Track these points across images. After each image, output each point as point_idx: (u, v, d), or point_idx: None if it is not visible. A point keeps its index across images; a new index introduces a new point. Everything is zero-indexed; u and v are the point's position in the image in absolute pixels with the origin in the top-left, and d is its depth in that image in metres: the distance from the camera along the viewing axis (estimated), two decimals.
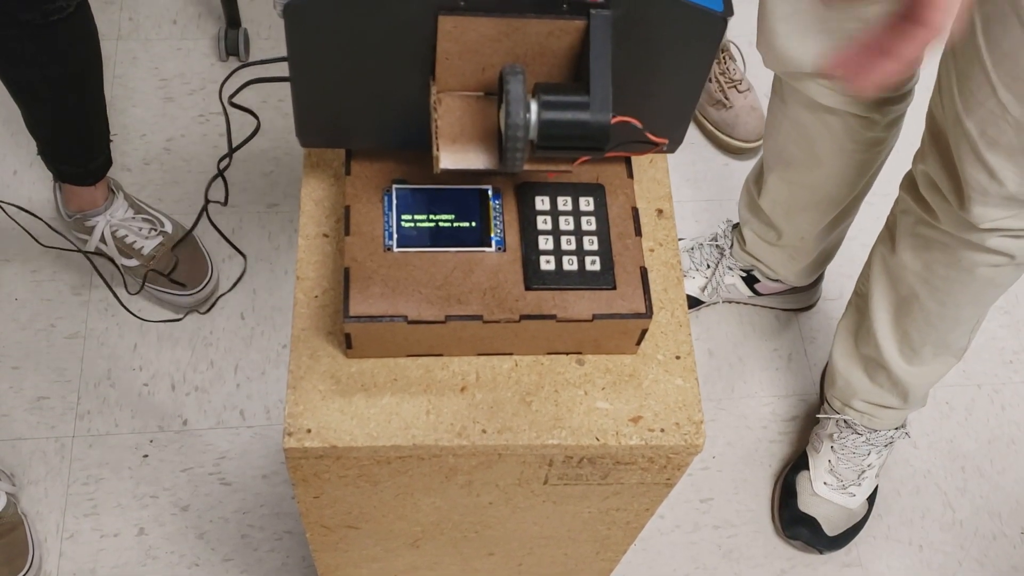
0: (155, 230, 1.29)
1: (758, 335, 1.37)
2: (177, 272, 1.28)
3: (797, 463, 1.25)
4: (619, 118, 0.51)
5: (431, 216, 0.59)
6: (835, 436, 1.21)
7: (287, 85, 0.54)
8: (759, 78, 1.51)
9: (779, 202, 1.18)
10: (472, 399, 0.59)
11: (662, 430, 0.60)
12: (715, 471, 1.27)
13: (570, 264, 0.59)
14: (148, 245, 1.28)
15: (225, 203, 0.76)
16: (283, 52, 0.52)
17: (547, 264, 0.58)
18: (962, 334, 1.06)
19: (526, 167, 0.52)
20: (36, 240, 1.13)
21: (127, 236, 1.27)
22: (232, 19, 1.49)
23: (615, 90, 0.52)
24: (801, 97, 1.03)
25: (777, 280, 1.31)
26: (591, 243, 0.60)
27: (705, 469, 1.27)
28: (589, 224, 0.60)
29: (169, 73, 1.50)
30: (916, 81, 1.03)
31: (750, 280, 1.34)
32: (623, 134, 0.53)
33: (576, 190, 0.61)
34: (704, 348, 1.36)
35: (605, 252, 0.59)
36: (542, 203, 0.60)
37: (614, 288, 0.59)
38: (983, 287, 0.98)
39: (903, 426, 1.21)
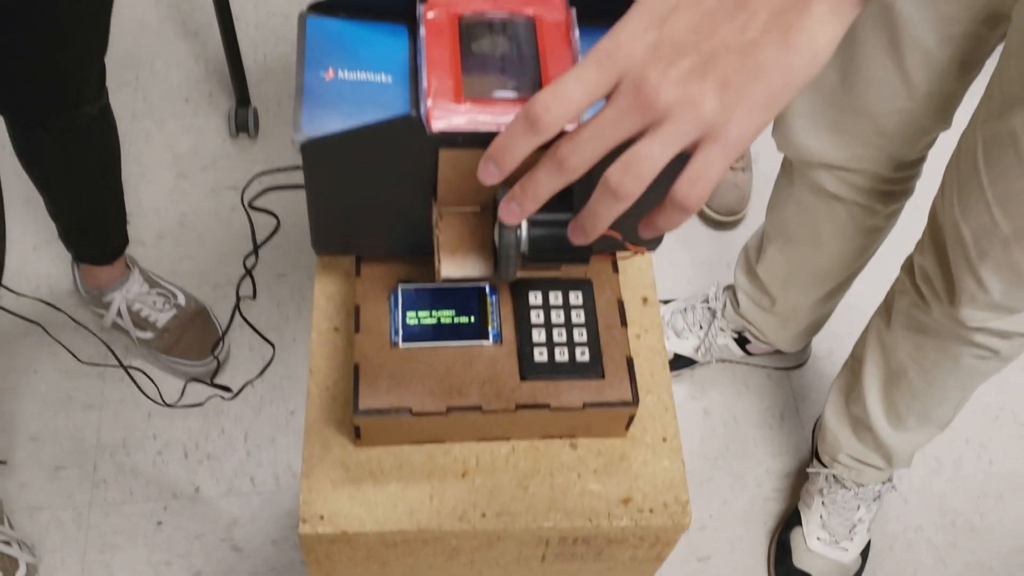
0: (169, 303, 1.35)
1: (751, 394, 1.42)
2: (187, 343, 1.33)
3: (790, 519, 1.29)
4: (603, 232, 0.56)
5: (433, 312, 0.64)
6: (824, 491, 1.25)
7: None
8: (765, 157, 1.58)
9: (776, 272, 1.23)
10: (472, 484, 0.64)
11: (651, 511, 0.64)
12: (712, 530, 1.31)
13: (561, 355, 0.64)
14: (162, 318, 1.33)
15: (254, 297, 0.81)
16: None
17: (540, 356, 0.63)
18: (947, 410, 1.10)
19: (519, 275, 0.58)
20: (46, 331, 1.18)
21: (142, 310, 1.33)
22: (242, 98, 1.56)
23: None
24: (809, 182, 1.09)
25: (767, 343, 1.36)
26: (580, 335, 0.65)
27: (702, 528, 1.31)
28: (578, 317, 0.65)
29: (182, 150, 1.57)
30: (918, 178, 1.09)
31: (742, 341, 1.38)
32: (606, 244, 0.58)
33: (566, 285, 0.66)
34: (699, 407, 1.40)
35: (594, 343, 0.64)
36: (535, 298, 0.65)
37: (603, 377, 0.64)
38: (969, 374, 1.03)
39: (890, 480, 1.25)
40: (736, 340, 1.38)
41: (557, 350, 0.64)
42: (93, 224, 1.25)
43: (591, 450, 0.66)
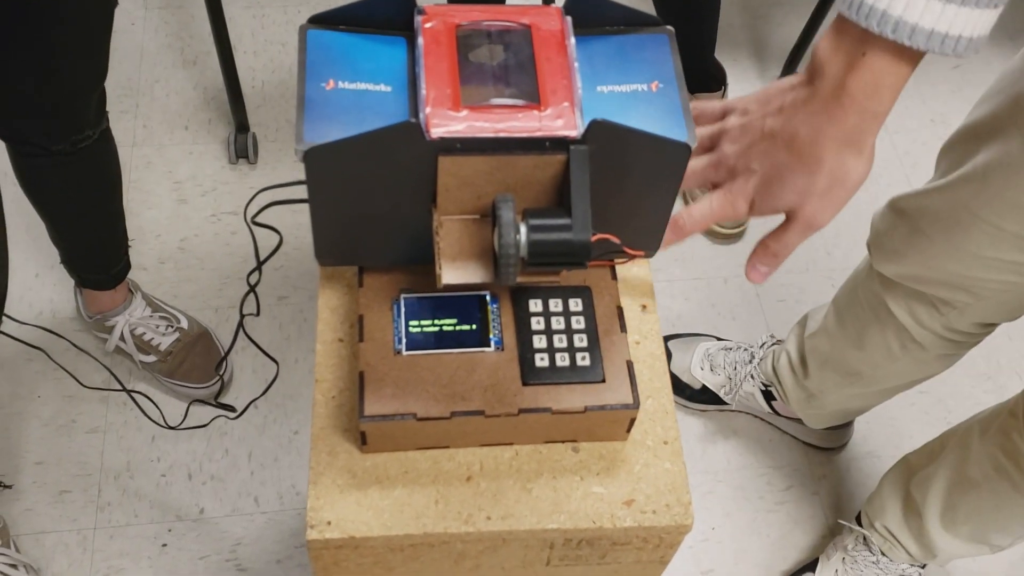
0: (171, 327, 1.36)
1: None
2: (190, 366, 1.34)
3: (806, 566, 1.26)
4: (599, 236, 0.57)
5: (435, 321, 0.65)
6: (849, 548, 1.21)
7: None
8: None
9: (819, 350, 1.19)
10: (477, 488, 0.65)
11: (654, 512, 0.65)
12: (715, 542, 1.31)
13: (563, 361, 0.65)
14: (165, 341, 1.34)
15: (258, 314, 0.82)
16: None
17: (542, 361, 0.65)
18: (1005, 538, 1.07)
19: (518, 280, 0.59)
20: (49, 357, 1.18)
21: (145, 334, 1.34)
22: (241, 124, 1.58)
23: (595, 212, 0.59)
24: (876, 287, 1.04)
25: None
26: (581, 340, 0.66)
27: (705, 541, 1.31)
28: (579, 323, 0.67)
29: (182, 176, 1.58)
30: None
31: (768, 395, 1.34)
32: (604, 247, 0.59)
33: (566, 293, 0.67)
34: (699, 422, 1.41)
35: (594, 348, 0.66)
36: (535, 305, 0.67)
37: (603, 381, 0.65)
38: None
39: (923, 566, 1.19)
40: (763, 392, 1.34)
41: (558, 355, 0.65)
42: (95, 249, 1.26)
43: (593, 453, 0.67)
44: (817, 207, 0.60)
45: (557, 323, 0.66)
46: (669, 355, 1.41)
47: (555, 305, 0.67)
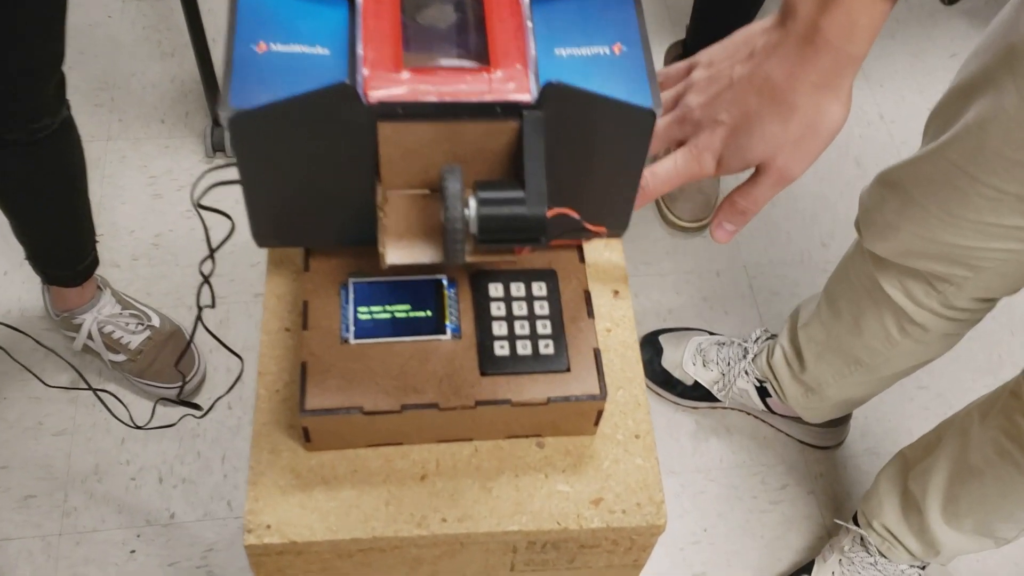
0: (142, 325, 1.31)
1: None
2: (162, 365, 1.29)
3: (801, 569, 1.21)
4: (557, 211, 0.52)
5: (387, 307, 0.61)
6: (846, 549, 1.16)
7: None
8: None
9: (814, 340, 1.14)
10: (432, 487, 0.60)
11: (623, 511, 0.60)
12: (707, 544, 1.26)
13: (524, 349, 0.60)
14: (135, 340, 1.30)
15: (213, 306, 0.77)
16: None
17: (501, 349, 0.60)
18: (1011, 529, 1.01)
19: (470, 259, 0.54)
20: (12, 357, 1.14)
21: (114, 332, 1.29)
22: (217, 117, 1.53)
23: (554, 184, 0.54)
24: (869, 268, 0.99)
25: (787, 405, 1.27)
26: (544, 327, 0.61)
27: (696, 543, 1.26)
28: (542, 309, 0.62)
29: (158, 171, 1.54)
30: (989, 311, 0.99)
31: (763, 392, 1.29)
32: (564, 224, 0.54)
33: (529, 276, 0.63)
34: (691, 420, 1.36)
35: (558, 335, 0.61)
36: (495, 290, 0.62)
37: (568, 371, 0.60)
38: None
39: (923, 567, 1.14)
40: (758, 389, 1.29)
41: (519, 343, 0.60)
42: (60, 244, 1.21)
43: (559, 449, 0.62)
44: (790, 157, 0.56)
45: (519, 308, 0.62)
46: (660, 350, 1.36)
47: (517, 289, 0.62)
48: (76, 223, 1.20)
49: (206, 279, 0.78)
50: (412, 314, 0.60)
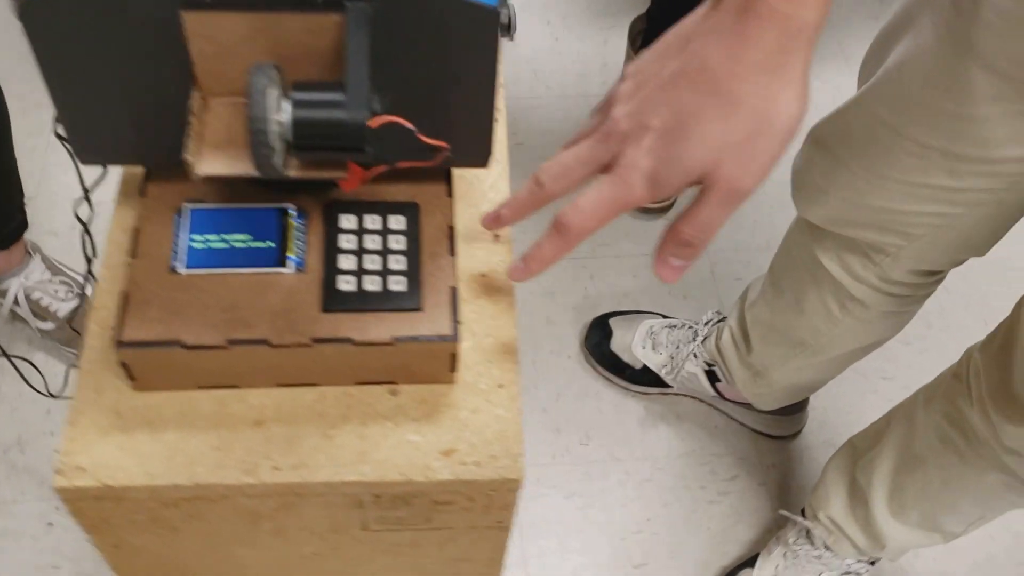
0: (72, 292, 1.27)
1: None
2: None
3: (746, 562, 1.15)
4: (383, 118, 0.47)
5: (225, 236, 0.56)
6: (791, 542, 1.10)
7: None
8: None
9: (760, 321, 1.09)
10: (267, 434, 0.55)
11: (476, 463, 0.55)
12: (649, 534, 1.20)
13: (373, 285, 0.55)
14: (64, 308, 1.25)
15: (94, 255, 0.71)
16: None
17: (347, 284, 0.55)
18: (957, 523, 0.95)
19: (294, 174, 0.49)
20: None
21: (42, 299, 1.25)
22: None
23: (391, 93, 0.49)
24: (808, 240, 0.94)
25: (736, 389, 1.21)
26: (398, 263, 0.56)
27: (638, 532, 1.20)
28: (398, 243, 0.57)
29: None
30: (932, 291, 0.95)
31: (712, 377, 1.23)
32: (398, 138, 0.49)
33: (387, 208, 0.58)
34: (640, 406, 1.30)
35: (413, 272, 0.56)
36: (347, 222, 0.57)
37: (420, 310, 0.55)
38: (991, 494, 0.88)
39: (871, 562, 1.09)
40: (707, 373, 1.23)
41: (367, 279, 0.55)
42: None
43: (414, 397, 0.57)
44: (737, 163, 0.45)
45: (372, 242, 0.56)
46: (610, 333, 1.31)
47: (372, 222, 0.57)
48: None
49: (85, 227, 0.73)
50: (252, 244, 0.56)
